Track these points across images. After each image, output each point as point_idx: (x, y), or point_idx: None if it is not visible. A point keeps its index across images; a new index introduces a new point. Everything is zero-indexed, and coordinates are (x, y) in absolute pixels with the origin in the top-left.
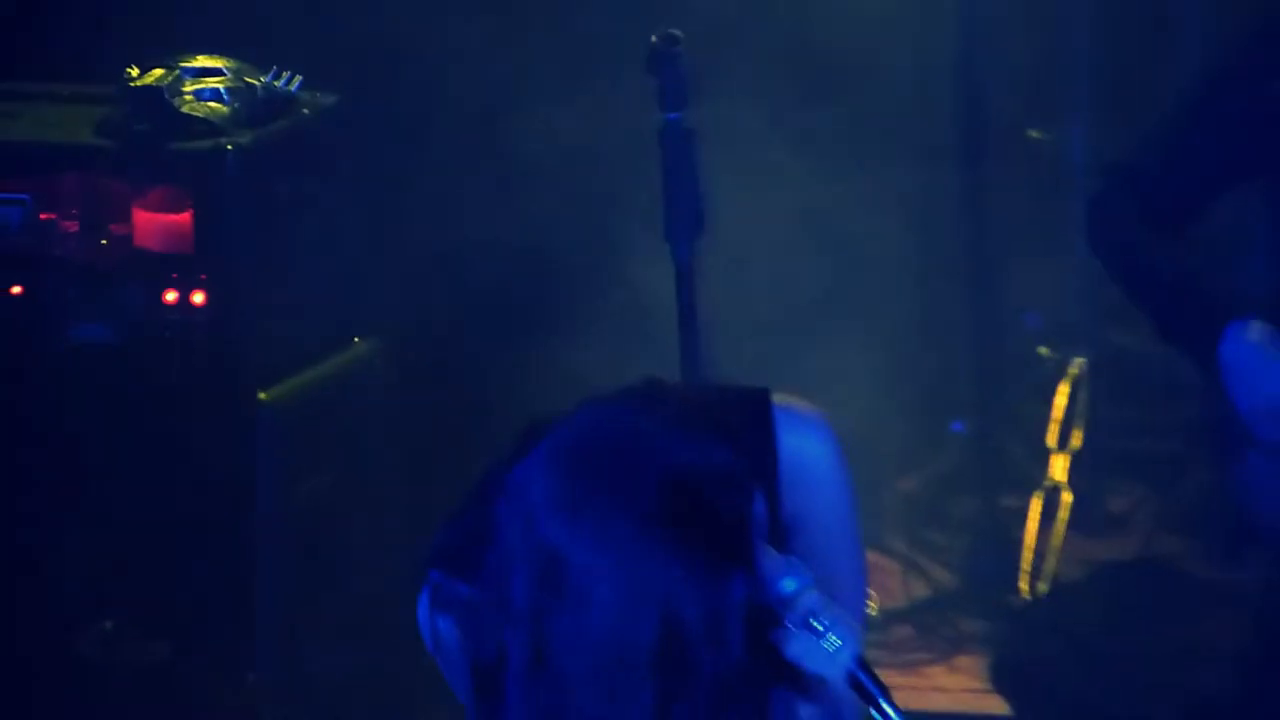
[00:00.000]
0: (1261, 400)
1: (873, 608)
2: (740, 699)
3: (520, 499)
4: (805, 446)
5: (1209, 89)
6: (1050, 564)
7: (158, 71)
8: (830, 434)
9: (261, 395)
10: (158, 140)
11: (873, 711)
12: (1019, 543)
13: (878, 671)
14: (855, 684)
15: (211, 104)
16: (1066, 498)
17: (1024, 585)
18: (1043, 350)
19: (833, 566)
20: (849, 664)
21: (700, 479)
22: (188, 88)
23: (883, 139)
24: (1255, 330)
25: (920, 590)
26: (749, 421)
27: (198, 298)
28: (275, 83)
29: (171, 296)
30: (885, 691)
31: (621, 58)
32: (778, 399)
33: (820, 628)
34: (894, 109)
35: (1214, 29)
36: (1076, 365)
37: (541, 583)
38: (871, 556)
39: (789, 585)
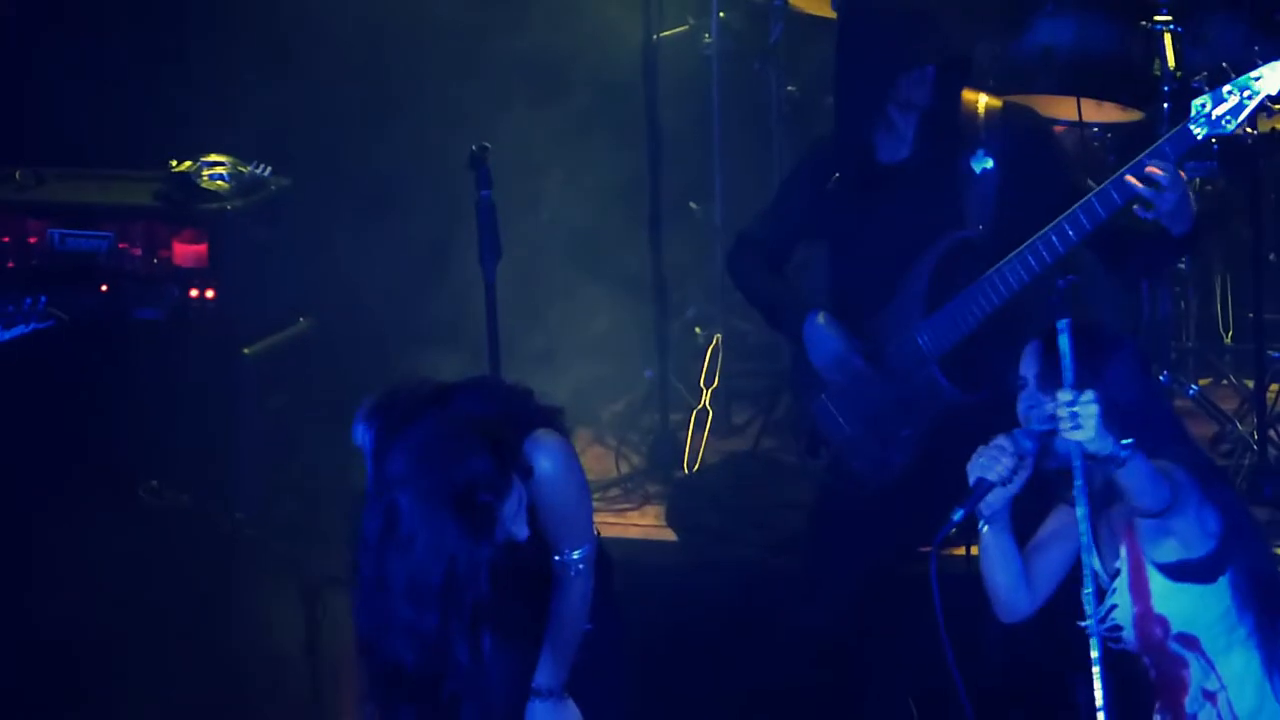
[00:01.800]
0: (826, 358)
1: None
2: (487, 620)
3: (385, 468)
4: (543, 465)
5: (791, 183)
6: (699, 453)
7: (187, 163)
8: (562, 453)
9: (246, 350)
10: (188, 203)
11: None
12: (683, 441)
13: (606, 514)
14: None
15: (219, 183)
16: (709, 414)
17: (685, 466)
18: (697, 329)
19: (567, 527)
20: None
21: (476, 484)
22: (205, 173)
23: (607, 202)
24: (820, 317)
25: (625, 468)
26: (518, 442)
27: (210, 294)
28: (256, 170)
29: (194, 293)
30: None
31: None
32: (535, 433)
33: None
34: (618, 185)
35: (794, 146)
36: (716, 339)
37: (385, 528)
38: (596, 448)
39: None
